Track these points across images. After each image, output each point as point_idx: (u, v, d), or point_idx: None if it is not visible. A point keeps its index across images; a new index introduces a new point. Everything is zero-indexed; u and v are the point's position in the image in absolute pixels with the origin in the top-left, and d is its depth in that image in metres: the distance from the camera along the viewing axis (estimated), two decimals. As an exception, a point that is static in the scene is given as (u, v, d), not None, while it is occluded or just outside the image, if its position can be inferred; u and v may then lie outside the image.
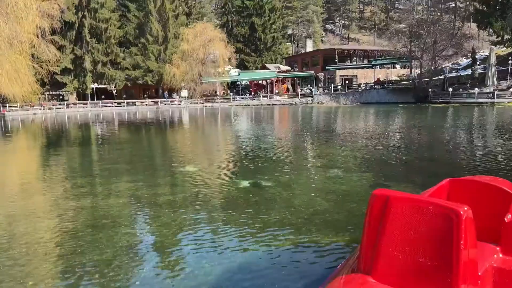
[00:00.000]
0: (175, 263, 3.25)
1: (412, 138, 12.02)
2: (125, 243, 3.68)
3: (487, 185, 2.34)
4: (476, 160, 7.84)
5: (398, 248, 1.64)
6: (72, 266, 3.21)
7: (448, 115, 22.24)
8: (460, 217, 1.52)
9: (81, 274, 3.07)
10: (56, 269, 3.21)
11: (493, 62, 32.52)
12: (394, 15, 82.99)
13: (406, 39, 40.44)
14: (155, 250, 3.54)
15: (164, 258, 3.35)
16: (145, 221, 4.37)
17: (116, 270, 3.13)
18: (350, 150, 9.42)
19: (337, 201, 4.90)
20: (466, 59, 43.63)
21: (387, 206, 1.70)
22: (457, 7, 64.05)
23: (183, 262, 3.26)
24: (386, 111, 27.16)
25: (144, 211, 4.70)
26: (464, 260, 1.50)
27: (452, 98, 33.55)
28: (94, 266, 3.19)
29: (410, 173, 6.60)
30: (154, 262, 3.28)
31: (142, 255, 3.43)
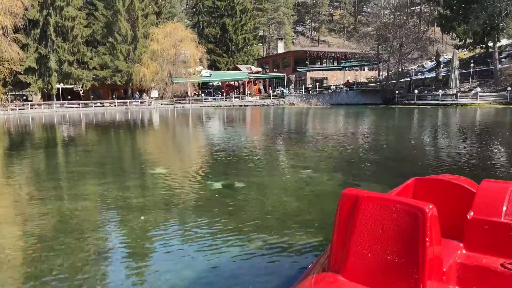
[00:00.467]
0: (145, 267, 3.19)
1: (380, 139, 12.34)
2: (94, 247, 3.58)
3: (450, 184, 2.43)
4: (441, 159, 8.13)
5: (367, 246, 1.67)
6: (38, 272, 3.09)
7: (414, 116, 22.98)
8: (426, 215, 1.57)
9: (47, 280, 2.96)
10: (20, 276, 3.08)
11: (456, 65, 33.88)
12: (362, 18, 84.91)
13: (374, 42, 41.49)
14: (125, 254, 3.46)
15: (134, 262, 3.28)
16: (114, 224, 4.26)
17: (84, 276, 3.04)
18: (321, 151, 9.55)
19: (309, 201, 4.96)
20: (430, 62, 45.22)
21: (356, 205, 1.74)
22: (422, 12, 66.34)
23: (154, 266, 3.20)
24: (355, 112, 27.75)
25: (113, 214, 4.59)
26: (430, 256, 1.55)
27: (418, 99, 34.70)
28: (61, 272, 3.09)
29: (379, 173, 6.77)
30: (124, 267, 3.21)
31: (111, 260, 3.35)
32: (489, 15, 31.21)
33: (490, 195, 2.10)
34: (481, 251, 1.94)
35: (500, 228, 1.94)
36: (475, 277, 1.83)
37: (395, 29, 39.42)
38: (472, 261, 1.89)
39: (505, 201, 2.03)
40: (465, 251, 1.98)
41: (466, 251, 1.98)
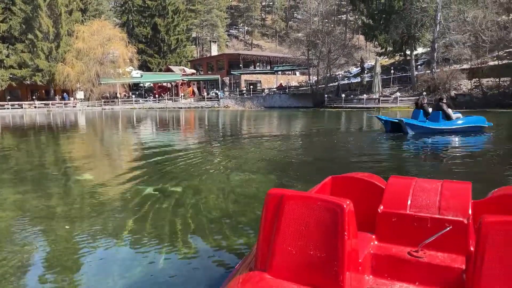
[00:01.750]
0: (71, 280, 3.03)
1: (311, 140, 12.86)
2: (15, 262, 3.31)
3: (363, 181, 2.65)
4: (362, 158, 8.70)
5: (291, 243, 1.76)
6: None
7: (342, 119, 24.27)
8: (344, 211, 1.69)
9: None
10: None
11: (378, 71, 36.39)
12: (293, 24, 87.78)
13: (304, 47, 43.11)
14: (49, 267, 3.25)
15: (59, 275, 3.10)
16: (37, 235, 3.97)
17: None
18: (255, 153, 9.72)
19: (243, 203, 5.04)
20: (356, 68, 48.07)
21: (281, 204, 1.82)
22: (347, 20, 70.29)
23: (81, 278, 3.05)
24: (288, 115, 28.59)
25: (35, 224, 4.27)
26: (348, 249, 1.68)
27: (345, 103, 36.69)
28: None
29: (309, 173, 7.05)
30: (49, 281, 3.02)
31: (35, 274, 3.13)
32: (407, 25, 33.97)
33: (397, 190, 2.32)
34: (391, 242, 2.14)
35: (406, 220, 2.16)
36: (387, 265, 2.02)
37: (323, 35, 41.29)
38: (384, 251, 2.07)
39: (409, 195, 2.26)
40: (377, 242, 2.17)
41: (378, 242, 2.17)
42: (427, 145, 10.97)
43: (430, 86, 33.39)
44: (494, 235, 1.49)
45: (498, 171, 7.09)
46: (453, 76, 32.49)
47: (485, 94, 30.89)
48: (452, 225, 2.04)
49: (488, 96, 30.54)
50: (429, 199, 2.21)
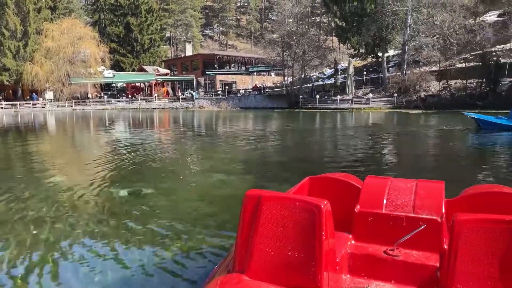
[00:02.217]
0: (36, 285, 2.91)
1: (287, 141, 12.94)
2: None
3: (340, 181, 2.68)
4: (337, 158, 8.83)
5: (269, 244, 1.75)
6: None
7: (316, 120, 24.55)
8: (321, 211, 1.70)
9: None
10: None
11: (351, 72, 37.04)
12: (268, 25, 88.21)
13: (279, 48, 43.35)
14: (18, 275, 3.12)
15: (21, 281, 2.97)
16: (4, 241, 3.81)
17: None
18: (231, 154, 9.69)
19: (221, 205, 5.00)
20: (329, 69, 48.73)
21: (258, 205, 1.81)
22: (321, 22, 71.23)
23: (55, 285, 2.94)
24: (263, 116, 28.68)
25: (3, 229, 4.10)
26: (325, 249, 1.69)
27: (319, 104, 37.15)
28: None
29: (285, 173, 7.08)
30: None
31: (2, 283, 2.99)
32: (378, 28, 34.73)
33: (373, 190, 2.36)
34: (368, 241, 2.17)
35: (382, 219, 2.20)
36: (363, 264, 2.04)
37: (298, 37, 41.65)
38: (360, 251, 2.10)
39: (385, 195, 2.30)
40: (354, 241, 2.20)
41: (355, 241, 2.20)
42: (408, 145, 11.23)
43: (401, 87, 34.25)
44: (466, 232, 1.53)
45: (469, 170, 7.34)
46: (423, 78, 33.45)
47: (453, 95, 31.96)
48: (426, 224, 2.08)
49: (456, 97, 31.60)
50: (404, 198, 2.26)
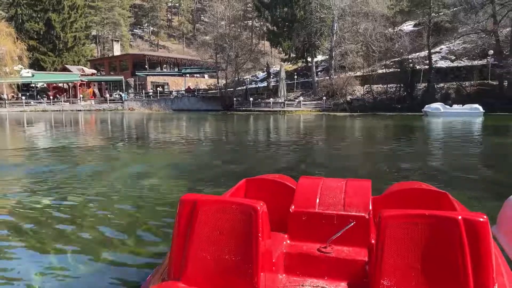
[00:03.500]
0: None
1: (222, 143, 12.92)
2: None
3: (275, 182, 2.74)
4: (273, 160, 9.01)
5: (206, 249, 1.73)
6: None
7: (250, 122, 24.86)
8: (258, 212, 1.71)
9: None
10: None
11: (283, 76, 38.10)
12: (200, 27, 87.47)
13: (212, 51, 43.25)
14: None
15: None
16: None
17: None
18: (164, 157, 9.44)
19: (154, 211, 4.83)
20: (262, 72, 49.66)
21: (194, 210, 1.78)
22: (253, 26, 72.37)
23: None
24: (197, 118, 28.38)
25: None
26: (262, 250, 1.70)
27: (253, 106, 37.68)
28: None
29: (221, 176, 7.06)
30: None
31: None
32: (308, 34, 36.16)
33: (307, 190, 2.44)
34: (302, 240, 2.24)
35: (316, 218, 2.28)
36: (299, 263, 2.10)
37: (231, 40, 41.90)
38: (295, 250, 2.16)
39: (318, 194, 2.39)
40: (289, 241, 2.25)
41: (290, 241, 2.25)
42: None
43: (329, 91, 35.99)
44: (391, 227, 1.64)
45: (395, 169, 7.89)
46: (349, 82, 35.46)
47: (375, 99, 34.29)
48: (356, 221, 2.19)
49: (378, 101, 33.95)
50: (335, 197, 2.36)
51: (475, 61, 33.65)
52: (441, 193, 2.49)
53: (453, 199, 2.36)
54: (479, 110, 24.92)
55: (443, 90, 32.39)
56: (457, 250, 1.54)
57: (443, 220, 1.59)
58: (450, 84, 32.76)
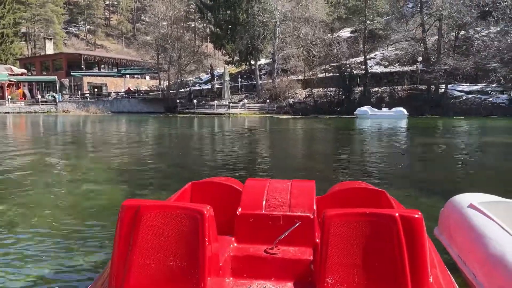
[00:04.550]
0: None
1: (165, 146, 12.62)
2: None
3: (222, 185, 2.72)
4: (219, 162, 8.96)
5: (150, 256, 1.67)
6: None
7: (195, 124, 24.56)
8: (204, 216, 1.69)
9: None
10: None
11: (227, 79, 38.12)
12: (141, 26, 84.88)
13: (153, 51, 42.17)
14: None
15: None
16: None
17: None
18: (103, 162, 9.01)
19: (92, 218, 4.58)
20: (206, 74, 49.32)
21: (137, 215, 1.71)
22: (196, 28, 71.67)
23: None
24: (138, 121, 27.48)
25: None
26: (209, 255, 1.68)
27: (197, 108, 37.28)
28: None
29: (165, 180, 6.88)
30: None
31: None
32: (251, 37, 36.52)
33: (253, 192, 2.45)
34: (249, 242, 2.24)
35: (262, 219, 2.29)
36: (246, 265, 2.10)
37: (173, 41, 41.16)
38: (242, 252, 2.15)
39: (264, 196, 2.41)
40: (236, 244, 2.24)
41: (237, 244, 2.24)
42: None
43: (272, 94, 36.63)
44: (335, 226, 1.69)
45: (335, 169, 8.19)
46: (291, 86, 36.36)
47: (316, 102, 35.48)
48: (301, 221, 2.24)
49: (319, 104, 35.16)
50: (281, 198, 2.39)
51: (406, 67, 36.11)
52: (379, 191, 2.62)
53: (390, 197, 2.49)
54: (403, 113, 26.95)
55: (378, 94, 34.33)
56: (395, 245, 1.62)
57: (381, 217, 1.67)
58: (384, 88, 34.82)
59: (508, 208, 2.83)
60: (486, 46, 29.41)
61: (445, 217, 2.91)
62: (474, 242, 2.41)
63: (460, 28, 31.58)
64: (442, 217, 2.99)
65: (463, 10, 29.96)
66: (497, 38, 29.98)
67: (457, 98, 31.55)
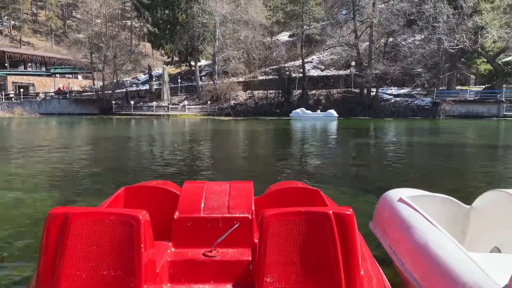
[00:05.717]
0: None
1: (99, 150, 12.03)
2: None
3: (158, 189, 2.65)
4: (156, 166, 8.72)
5: (80, 266, 1.58)
6: None
7: (132, 126, 23.70)
8: (139, 222, 1.63)
9: None
10: None
11: (166, 79, 37.26)
12: (72, 23, 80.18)
13: (86, 50, 40.08)
14: None
15: None
16: None
17: None
18: (30, 167, 8.38)
19: (19, 228, 4.24)
20: (144, 75, 47.78)
21: (66, 224, 1.61)
22: (133, 26, 69.25)
23: None
24: (70, 123, 25.95)
25: None
26: (145, 261, 1.62)
27: (135, 110, 36.01)
28: None
29: (98, 185, 6.56)
30: None
31: None
32: (190, 38, 36.05)
33: (191, 195, 2.42)
34: (187, 246, 2.21)
35: (201, 222, 2.27)
36: (184, 270, 2.06)
37: (108, 39, 39.42)
38: (180, 257, 2.11)
39: (203, 198, 2.39)
40: (174, 249, 2.20)
41: (174, 248, 2.20)
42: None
43: (213, 95, 36.47)
44: (273, 226, 1.72)
45: (272, 169, 8.33)
46: (232, 88, 36.46)
47: (257, 104, 35.93)
48: (240, 222, 2.25)
49: (259, 105, 35.64)
50: (219, 200, 2.38)
51: (340, 71, 37.85)
52: (314, 190, 2.72)
53: (324, 195, 2.59)
54: (333, 115, 28.45)
55: (315, 97, 35.61)
56: (329, 241, 1.68)
57: (316, 215, 1.73)
58: (321, 91, 36.20)
59: (433, 201, 3.08)
60: (412, 52, 31.79)
61: (378, 212, 3.09)
62: (402, 233, 2.58)
63: (389, 35, 33.77)
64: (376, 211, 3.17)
65: (391, 18, 32.07)
66: (422, 45, 32.52)
67: (387, 101, 33.66)
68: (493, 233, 2.85)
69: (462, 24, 28.81)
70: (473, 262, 1.96)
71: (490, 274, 1.83)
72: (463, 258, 2.03)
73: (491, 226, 2.89)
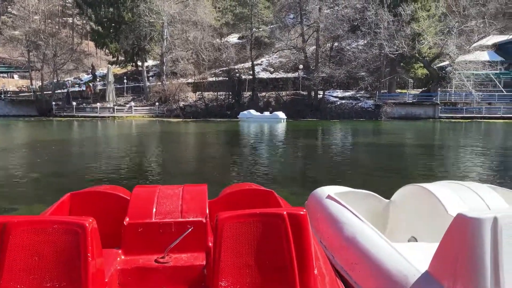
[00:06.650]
0: None
1: (38, 154, 11.30)
2: None
3: (106, 194, 2.53)
4: (102, 170, 8.36)
5: (21, 280, 1.47)
6: None
7: (74, 129, 22.53)
8: (86, 230, 1.55)
9: None
10: None
11: (111, 80, 35.82)
12: (7, 19, 74.79)
13: (23, 48, 37.56)
14: None
15: None
16: None
17: None
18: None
19: None
20: (87, 75, 45.61)
21: (4, 234, 1.50)
22: (74, 24, 65.91)
23: None
24: (5, 125, 24.16)
25: None
26: (92, 271, 1.54)
27: (77, 111, 34.27)
28: None
29: (39, 191, 6.18)
30: None
31: None
32: (137, 37, 34.98)
33: (142, 200, 2.33)
34: (139, 253, 2.12)
35: (153, 228, 2.20)
36: (135, 278, 1.98)
37: (47, 37, 37.22)
38: (131, 264, 2.03)
39: (154, 203, 2.31)
40: (124, 256, 2.10)
41: (124, 256, 2.10)
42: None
43: (162, 97, 35.63)
44: (227, 229, 1.71)
45: (226, 171, 8.30)
46: (181, 89, 35.87)
47: (207, 105, 35.64)
48: (193, 226, 2.20)
49: (210, 107, 35.39)
50: (172, 205, 2.32)
51: (289, 74, 38.61)
52: (268, 191, 2.74)
53: (278, 196, 2.61)
54: (279, 117, 29.18)
55: (265, 98, 36.03)
56: (283, 241, 1.70)
57: (271, 216, 1.74)
58: (271, 93, 36.70)
59: (357, 196, 3.31)
60: (355, 56, 33.21)
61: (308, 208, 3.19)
62: (331, 228, 2.72)
63: (334, 40, 34.99)
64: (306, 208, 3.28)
65: (336, 23, 33.29)
66: (365, 50, 34.09)
67: (333, 103, 34.86)
68: (410, 223, 3.12)
69: (401, 31, 30.55)
70: (396, 252, 2.14)
71: (412, 261, 2.00)
72: (387, 248, 2.20)
73: (408, 217, 3.17)
